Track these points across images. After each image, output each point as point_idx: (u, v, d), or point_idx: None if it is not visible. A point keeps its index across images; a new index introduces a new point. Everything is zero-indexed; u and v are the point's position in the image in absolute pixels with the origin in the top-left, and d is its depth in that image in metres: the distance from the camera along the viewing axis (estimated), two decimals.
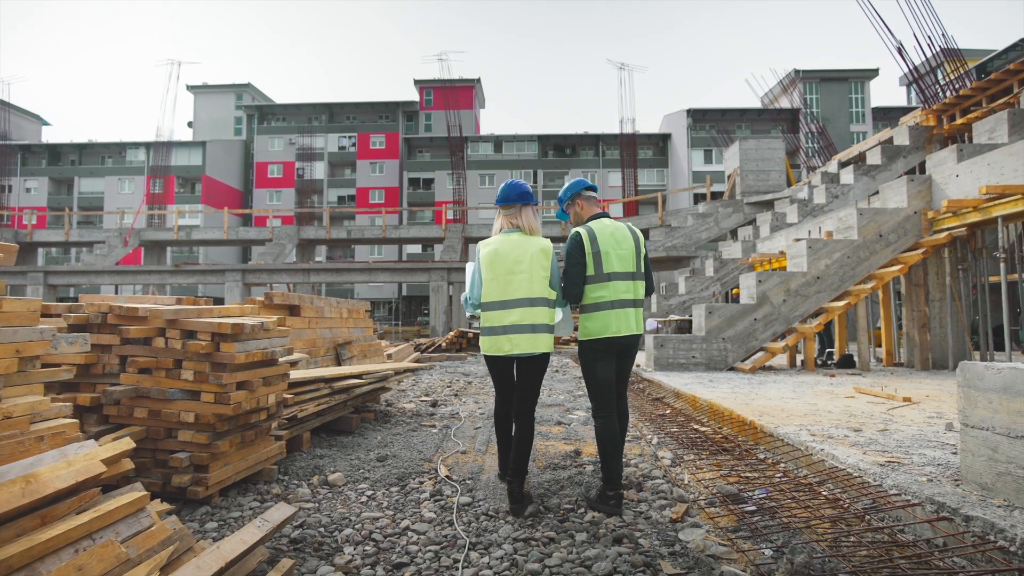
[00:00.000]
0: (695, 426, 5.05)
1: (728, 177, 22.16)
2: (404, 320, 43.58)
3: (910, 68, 14.46)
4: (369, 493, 3.30)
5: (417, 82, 50.07)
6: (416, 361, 12.01)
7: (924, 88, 13.82)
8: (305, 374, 4.48)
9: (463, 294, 3.29)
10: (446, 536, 2.64)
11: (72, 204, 46.96)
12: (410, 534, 2.68)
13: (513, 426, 3.17)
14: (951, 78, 13.80)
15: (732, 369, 8.80)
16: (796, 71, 43.58)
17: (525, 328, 2.94)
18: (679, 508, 2.91)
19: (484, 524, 2.79)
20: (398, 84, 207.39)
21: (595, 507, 2.95)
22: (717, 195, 30.37)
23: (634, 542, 2.53)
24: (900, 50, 14.49)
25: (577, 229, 3.08)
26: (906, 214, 8.84)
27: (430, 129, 49.70)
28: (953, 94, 12.92)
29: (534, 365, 3.05)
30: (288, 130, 49.66)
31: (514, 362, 3.10)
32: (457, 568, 2.31)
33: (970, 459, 2.52)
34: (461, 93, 48.99)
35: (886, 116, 43.84)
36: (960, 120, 12.34)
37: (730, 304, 9.55)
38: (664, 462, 3.93)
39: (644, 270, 3.12)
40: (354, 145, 49.31)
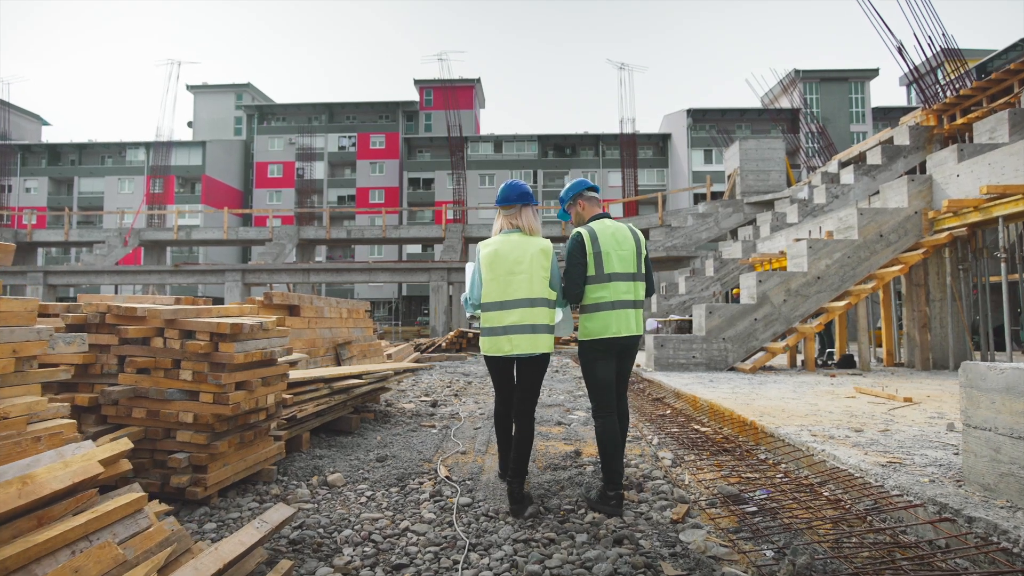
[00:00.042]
0: (695, 426, 5.04)
1: (728, 177, 22.15)
2: (404, 320, 43.57)
3: (910, 68, 14.45)
4: (369, 494, 3.29)
5: (417, 82, 50.06)
6: (416, 361, 11.99)
7: (924, 88, 13.81)
8: (304, 374, 4.47)
9: (463, 294, 3.29)
10: (446, 537, 2.63)
11: (72, 204, 46.95)
12: (410, 535, 2.67)
13: (513, 426, 3.16)
14: (951, 78, 13.79)
15: (732, 369, 8.79)
16: (796, 71, 43.56)
17: (525, 328, 2.94)
18: (680, 509, 2.90)
19: (484, 525, 2.78)
20: (398, 84, 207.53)
21: (596, 508, 2.94)
22: (717, 195, 30.35)
23: (635, 543, 2.52)
24: (900, 50, 14.49)
25: (578, 229, 3.08)
26: (907, 214, 8.82)
27: (430, 129, 49.69)
28: (953, 94, 12.91)
29: (534, 365, 3.05)
30: (288, 130, 49.64)
31: (514, 362, 3.10)
32: (457, 569, 2.30)
33: (973, 460, 2.50)
34: (461, 93, 48.98)
35: (886, 116, 43.84)
36: (960, 120, 12.33)
37: (730, 304, 9.54)
38: (665, 462, 3.92)
39: (645, 271, 3.13)
40: (354, 145, 49.30)
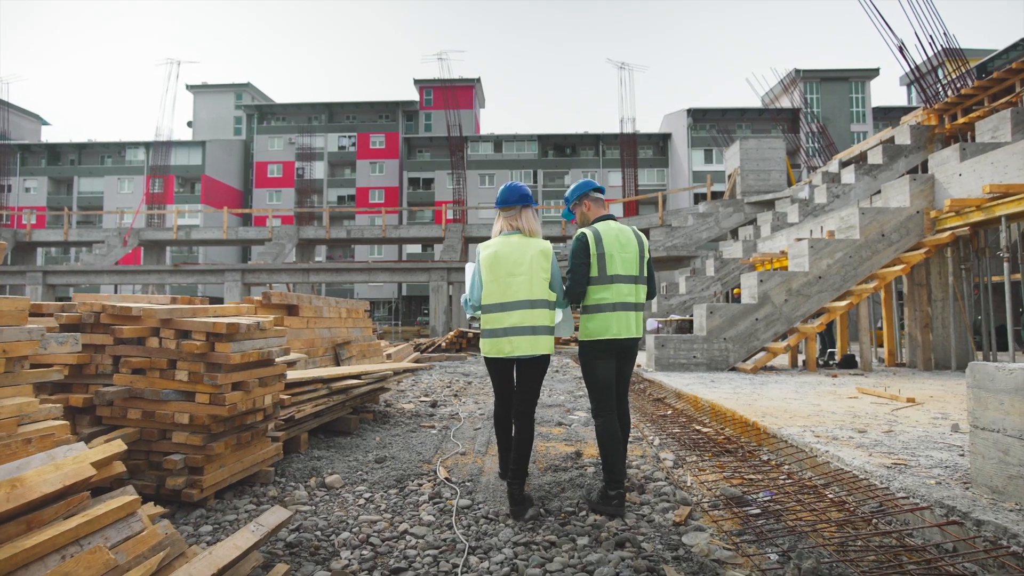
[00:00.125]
0: (697, 427, 5.00)
1: (728, 177, 22.12)
2: (404, 320, 43.53)
3: (911, 67, 14.42)
4: (367, 495, 3.25)
5: (417, 82, 50.01)
6: (416, 361, 11.95)
7: (925, 87, 13.78)
8: (303, 374, 4.43)
9: (463, 296, 3.28)
10: (445, 540, 2.59)
11: (71, 204, 46.88)
12: (408, 538, 2.63)
13: (513, 427, 3.13)
14: (952, 77, 13.76)
15: (733, 369, 8.75)
16: (796, 71, 43.50)
17: (525, 330, 2.93)
18: (682, 511, 2.86)
19: (484, 527, 2.74)
20: (398, 84, 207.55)
21: (597, 509, 2.90)
22: (718, 195, 30.32)
23: (637, 546, 2.48)
24: (901, 49, 14.45)
25: (583, 230, 3.08)
26: (908, 213, 8.79)
27: (430, 129, 49.64)
28: (955, 93, 12.88)
29: (534, 366, 3.03)
30: (288, 130, 49.59)
31: (514, 363, 3.08)
32: (456, 573, 2.26)
33: (980, 462, 2.47)
34: (461, 93, 48.92)
35: (887, 116, 43.79)
36: (962, 119, 12.30)
37: (731, 304, 9.50)
38: (666, 464, 3.88)
39: (647, 274, 3.16)
40: (354, 145, 49.25)
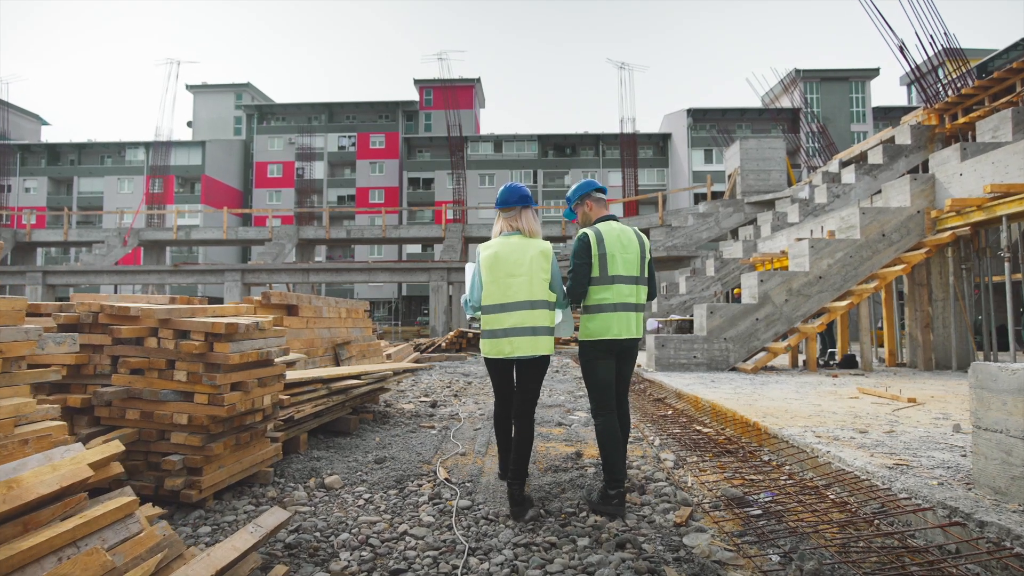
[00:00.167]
0: (697, 427, 4.98)
1: (729, 177, 22.11)
2: (404, 320, 43.51)
3: (912, 67, 14.41)
4: (367, 496, 3.24)
5: (417, 82, 49.99)
6: (415, 361, 11.94)
7: (926, 87, 13.77)
8: (302, 374, 4.41)
9: (463, 296, 3.28)
10: (445, 541, 2.58)
11: (71, 204, 46.86)
12: (408, 539, 2.62)
13: (513, 428, 3.12)
14: (953, 77, 13.74)
15: (734, 369, 8.74)
16: (797, 71, 43.47)
17: (525, 331, 2.93)
18: (683, 512, 2.85)
19: (484, 528, 2.73)
20: (398, 84, 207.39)
21: (597, 509, 2.89)
22: (718, 195, 30.30)
23: (638, 547, 2.47)
24: (902, 49, 14.44)
25: (585, 230, 3.09)
26: (909, 213, 8.77)
27: (430, 129, 49.61)
28: (955, 93, 12.86)
29: (534, 367, 3.03)
30: (288, 130, 49.57)
31: (514, 364, 3.08)
32: (456, 574, 2.25)
33: (983, 462, 2.45)
34: (461, 93, 48.90)
35: (887, 116, 43.77)
36: (963, 119, 12.29)
37: (731, 304, 9.49)
38: (667, 464, 3.87)
39: (648, 275, 3.17)
40: (354, 145, 49.22)
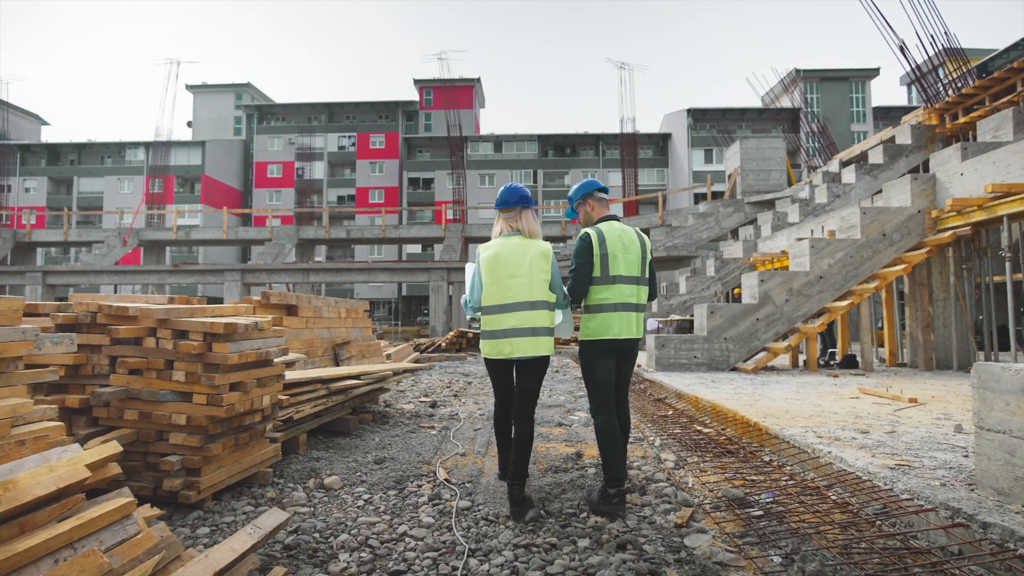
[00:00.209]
0: (698, 427, 4.97)
1: (729, 177, 22.09)
2: (404, 320, 43.50)
3: (912, 67, 14.40)
4: (366, 497, 3.22)
5: (417, 82, 49.97)
6: (415, 361, 11.93)
7: (926, 87, 13.75)
8: (302, 375, 4.40)
9: (463, 296, 3.28)
10: (444, 542, 2.56)
11: (71, 204, 46.85)
12: (407, 540, 2.60)
13: (513, 428, 3.11)
14: (953, 76, 13.73)
15: (734, 369, 8.72)
16: (797, 70, 43.47)
17: (525, 331, 2.92)
18: (684, 513, 2.84)
19: (484, 529, 2.72)
20: (398, 84, 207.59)
21: (597, 509, 2.88)
22: (718, 195, 30.26)
23: (638, 548, 2.45)
24: (902, 48, 14.43)
25: (587, 230, 3.09)
26: (910, 213, 8.76)
27: (430, 129, 49.60)
28: (955, 93, 12.85)
29: (534, 367, 3.02)
30: (288, 130, 49.56)
31: (514, 364, 3.07)
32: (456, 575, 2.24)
33: (986, 463, 2.44)
34: (461, 93, 48.88)
35: (887, 116, 43.76)
36: (963, 119, 12.27)
37: (732, 304, 9.47)
38: (667, 464, 3.85)
39: (649, 275, 3.17)
40: (354, 145, 49.21)
